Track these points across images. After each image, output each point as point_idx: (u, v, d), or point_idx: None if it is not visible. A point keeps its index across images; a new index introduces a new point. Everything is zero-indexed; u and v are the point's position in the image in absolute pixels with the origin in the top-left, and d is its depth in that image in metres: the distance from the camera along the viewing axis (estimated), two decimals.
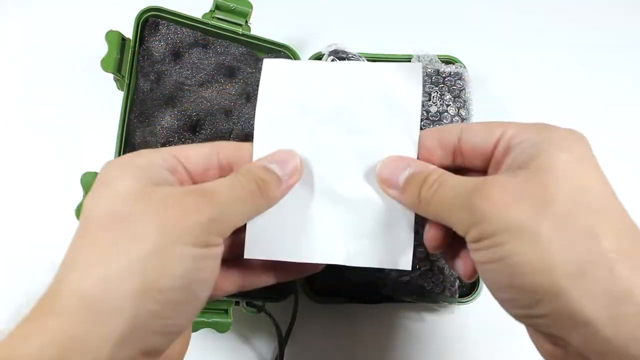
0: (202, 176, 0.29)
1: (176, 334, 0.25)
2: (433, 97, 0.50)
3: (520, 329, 0.50)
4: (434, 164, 0.30)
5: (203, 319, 0.42)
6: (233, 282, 0.32)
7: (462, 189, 0.26)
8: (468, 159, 0.29)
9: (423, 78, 0.52)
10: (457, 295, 0.47)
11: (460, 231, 0.26)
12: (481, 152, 0.28)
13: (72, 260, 0.23)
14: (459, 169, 0.30)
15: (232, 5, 0.51)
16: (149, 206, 0.24)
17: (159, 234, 0.23)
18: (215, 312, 0.43)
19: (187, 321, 0.25)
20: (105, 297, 0.22)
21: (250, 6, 0.52)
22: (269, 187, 0.28)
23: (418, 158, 0.31)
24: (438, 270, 0.47)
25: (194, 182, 0.29)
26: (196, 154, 0.29)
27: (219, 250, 0.26)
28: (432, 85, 0.51)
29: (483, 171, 0.30)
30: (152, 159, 0.27)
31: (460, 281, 0.48)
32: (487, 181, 0.25)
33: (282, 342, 0.46)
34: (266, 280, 0.33)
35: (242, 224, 0.28)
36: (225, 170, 0.30)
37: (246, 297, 0.46)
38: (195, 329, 0.42)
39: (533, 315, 0.24)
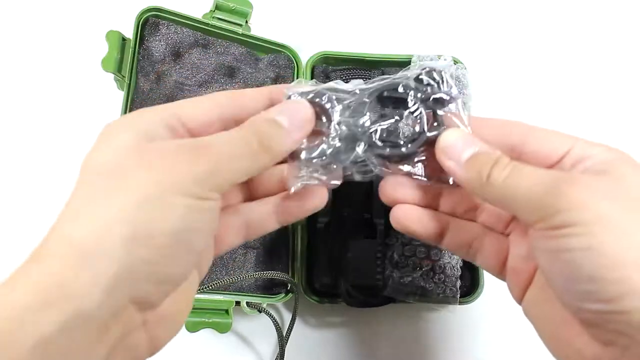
0: (204, 132, 0.27)
1: (168, 284, 0.24)
2: None
3: (521, 328, 0.51)
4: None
5: (203, 319, 0.42)
6: (237, 232, 0.31)
7: (545, 176, 0.26)
8: (528, 162, 0.28)
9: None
10: (459, 295, 0.47)
11: (531, 216, 0.25)
12: (544, 158, 0.28)
13: (65, 209, 0.23)
14: None
15: (232, 5, 0.51)
16: (143, 159, 0.23)
17: (151, 184, 0.23)
18: (215, 312, 0.43)
19: (180, 271, 0.25)
20: (94, 243, 0.21)
21: (251, 6, 0.52)
22: (273, 141, 0.27)
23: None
24: (439, 270, 0.47)
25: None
26: (196, 109, 0.27)
27: (214, 204, 0.25)
28: None
29: None
30: (151, 117, 0.26)
31: (461, 280, 0.48)
32: (573, 175, 0.26)
33: (282, 342, 0.46)
34: (270, 225, 0.32)
35: (243, 179, 0.26)
36: (229, 123, 0.28)
37: (246, 297, 0.46)
38: (195, 329, 0.42)
39: (613, 311, 0.23)
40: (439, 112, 0.31)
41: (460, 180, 0.29)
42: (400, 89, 0.31)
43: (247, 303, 0.45)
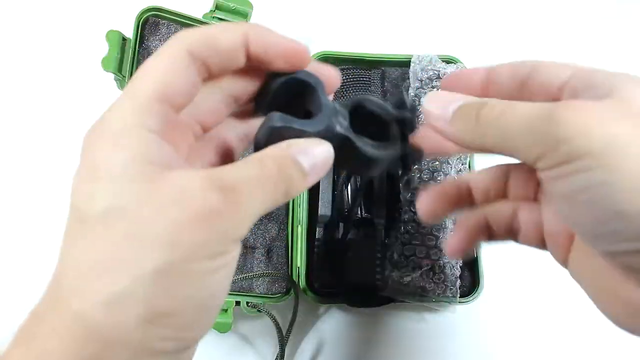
0: (188, 101, 0.23)
1: (189, 348, 0.23)
2: None
3: (521, 328, 0.51)
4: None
5: None
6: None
7: (538, 109, 0.22)
8: (533, 97, 0.26)
9: (424, 79, 0.52)
10: (458, 295, 0.47)
11: (533, 154, 0.22)
12: (547, 90, 0.26)
13: (70, 268, 0.20)
14: None
15: (232, 5, 0.51)
16: (157, 201, 0.20)
17: (170, 245, 0.19)
18: None
19: (200, 335, 0.23)
20: (110, 326, 0.19)
21: (251, 6, 0.52)
22: (294, 185, 0.24)
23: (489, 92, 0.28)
24: (439, 270, 0.47)
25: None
26: (176, 80, 0.22)
27: (236, 254, 0.22)
28: (432, 88, 0.51)
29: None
30: (136, 121, 0.21)
31: (461, 280, 0.48)
32: (569, 101, 0.23)
33: (282, 342, 0.46)
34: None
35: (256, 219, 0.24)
36: (202, 70, 0.24)
37: (246, 297, 0.46)
38: None
39: None
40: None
41: (451, 135, 0.26)
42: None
43: (247, 303, 0.45)
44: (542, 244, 0.30)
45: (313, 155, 0.24)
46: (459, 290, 0.47)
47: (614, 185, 0.20)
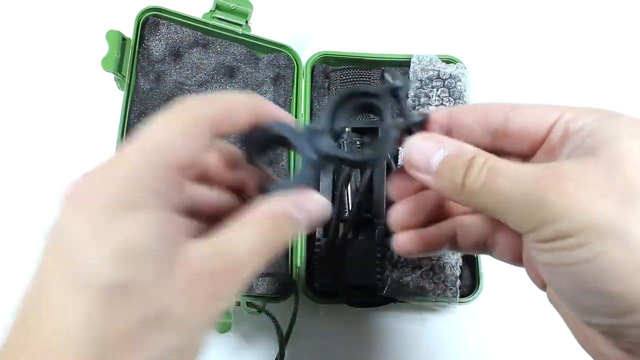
0: (193, 162, 0.23)
1: None
2: (433, 98, 0.50)
3: (521, 328, 0.51)
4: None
5: None
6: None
7: (525, 179, 0.22)
8: (513, 142, 0.26)
9: (423, 79, 0.51)
10: (458, 295, 0.47)
11: (521, 228, 0.22)
12: (532, 135, 0.25)
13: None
14: (496, 153, 0.25)
15: (232, 5, 0.51)
16: (175, 284, 0.20)
17: (186, 329, 0.21)
18: None
19: None
20: None
21: (251, 6, 0.52)
22: (290, 238, 0.25)
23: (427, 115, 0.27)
24: (439, 269, 0.47)
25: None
26: (184, 146, 0.22)
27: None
28: (432, 88, 0.51)
29: (528, 156, 0.26)
30: (144, 201, 0.20)
31: (461, 280, 0.48)
32: (557, 171, 0.22)
33: (282, 342, 0.46)
34: None
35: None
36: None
37: (247, 297, 0.46)
38: None
39: (623, 325, 0.21)
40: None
41: (438, 191, 0.25)
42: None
43: (247, 303, 0.45)
44: (518, 262, 0.29)
45: (308, 211, 0.25)
46: (459, 291, 0.47)
47: (595, 264, 0.20)
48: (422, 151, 0.25)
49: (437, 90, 0.50)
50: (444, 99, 0.50)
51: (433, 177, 0.25)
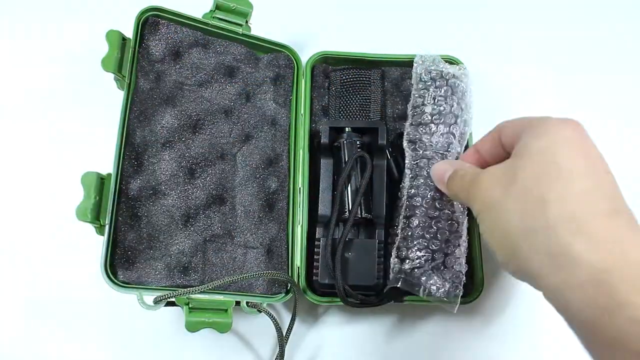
0: None
1: None
2: (437, 99, 0.50)
3: (521, 328, 0.51)
4: (489, 156, 0.39)
5: (203, 319, 0.42)
6: None
7: (471, 176, 0.35)
8: (507, 150, 0.36)
9: (426, 80, 0.51)
10: (461, 293, 0.46)
11: (471, 209, 0.35)
12: (509, 143, 0.35)
13: None
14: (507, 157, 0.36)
15: (232, 5, 0.51)
16: None
17: None
18: (215, 312, 0.43)
19: None
20: None
21: (251, 6, 0.52)
22: None
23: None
24: (444, 267, 0.46)
25: None
26: None
27: None
28: (435, 88, 0.50)
29: None
30: None
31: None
32: (484, 171, 0.34)
33: (282, 342, 0.46)
34: None
35: None
36: None
37: (246, 297, 0.46)
38: (195, 329, 0.41)
39: (511, 272, 0.32)
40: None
41: (448, 194, 0.41)
42: None
43: (247, 303, 0.45)
44: None
45: None
46: (462, 290, 0.46)
47: (487, 232, 0.32)
48: (438, 170, 0.42)
49: (440, 90, 0.50)
50: (447, 98, 0.49)
51: (444, 186, 0.40)
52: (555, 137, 0.30)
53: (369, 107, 0.54)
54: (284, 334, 0.46)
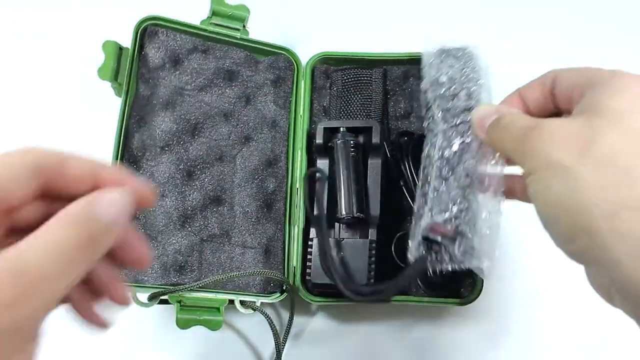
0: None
1: None
2: (459, 80, 0.45)
3: (520, 329, 0.49)
4: (535, 108, 0.33)
5: (194, 317, 0.43)
6: None
7: (525, 125, 0.28)
8: (560, 104, 0.31)
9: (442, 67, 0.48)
10: (462, 286, 0.45)
11: (519, 164, 0.29)
12: (569, 96, 0.30)
13: None
14: (557, 113, 0.32)
15: (228, 11, 0.52)
16: None
17: None
18: (206, 310, 0.44)
19: None
20: None
21: (247, 11, 0.53)
22: (100, 245, 0.22)
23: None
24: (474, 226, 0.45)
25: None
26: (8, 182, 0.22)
27: (29, 354, 0.21)
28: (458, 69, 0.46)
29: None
30: None
31: (461, 280, 0.47)
32: (544, 121, 0.28)
33: (278, 343, 0.47)
34: None
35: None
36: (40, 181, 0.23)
37: (240, 295, 0.47)
38: (186, 327, 0.43)
39: (573, 251, 0.26)
40: None
41: (486, 141, 0.33)
42: None
43: (240, 301, 0.46)
44: None
45: (110, 204, 0.23)
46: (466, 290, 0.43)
47: (545, 198, 0.26)
48: (481, 115, 0.33)
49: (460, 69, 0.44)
50: (469, 75, 0.44)
51: (485, 134, 0.32)
52: (635, 96, 0.25)
53: (370, 106, 0.54)
54: (282, 334, 0.47)
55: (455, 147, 0.39)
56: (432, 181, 0.40)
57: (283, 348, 0.47)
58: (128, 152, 0.47)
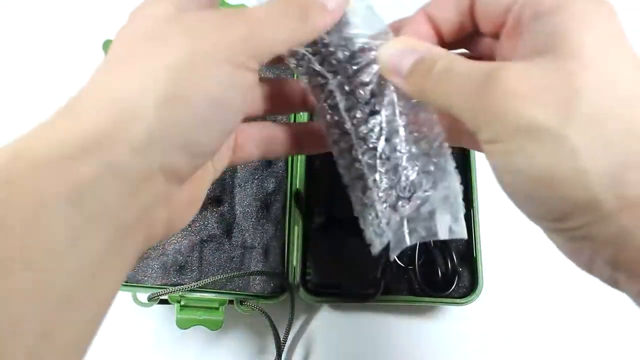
0: None
1: (198, 155, 0.24)
2: None
3: (520, 329, 0.49)
4: (449, 30, 0.27)
5: (194, 317, 0.43)
6: (256, 144, 0.31)
7: (474, 74, 0.22)
8: (482, 23, 0.26)
9: None
10: (455, 286, 0.45)
11: (472, 127, 0.22)
12: (493, 16, 0.25)
13: (101, 67, 0.23)
14: (474, 34, 0.27)
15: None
16: (181, 25, 0.22)
17: (190, 48, 0.22)
18: (206, 310, 0.44)
19: (212, 143, 0.24)
20: (129, 100, 0.21)
21: None
22: (312, 12, 0.25)
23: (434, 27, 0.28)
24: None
25: None
26: None
27: (250, 76, 0.24)
28: None
29: (497, 37, 0.26)
30: None
31: (461, 280, 0.47)
32: (503, 67, 0.21)
33: (278, 343, 0.47)
34: (284, 148, 0.32)
35: (281, 50, 0.25)
36: None
37: (240, 295, 0.47)
38: (186, 326, 0.43)
39: (563, 229, 0.21)
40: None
41: (407, 90, 0.26)
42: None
43: (240, 301, 0.46)
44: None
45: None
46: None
47: (529, 171, 0.20)
48: (393, 55, 0.26)
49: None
50: None
51: (404, 79, 0.25)
52: (609, 32, 0.21)
53: None
54: (282, 334, 0.47)
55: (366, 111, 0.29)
56: (364, 158, 0.30)
57: (283, 348, 0.47)
58: None
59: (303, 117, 0.52)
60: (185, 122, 0.22)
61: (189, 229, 0.48)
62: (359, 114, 0.28)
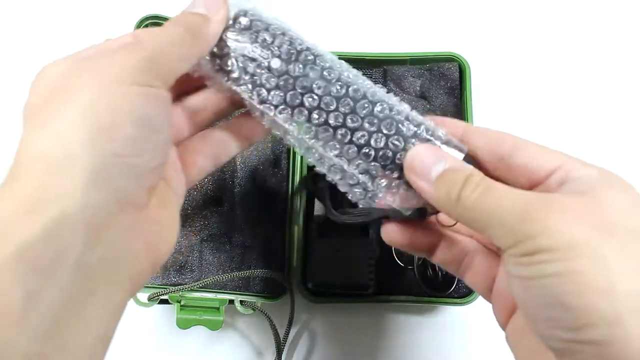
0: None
1: (144, 174, 0.24)
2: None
3: None
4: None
5: (194, 317, 0.43)
6: (205, 155, 0.32)
7: (517, 198, 0.24)
8: (514, 176, 0.28)
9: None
10: (455, 286, 0.45)
11: (503, 242, 0.24)
12: (531, 174, 0.27)
13: (24, 132, 0.24)
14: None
15: None
16: (85, 68, 0.24)
17: (98, 81, 0.23)
18: (207, 310, 0.44)
19: (151, 158, 0.25)
20: (61, 149, 0.21)
21: None
22: (198, 28, 0.28)
23: (466, 153, 0.29)
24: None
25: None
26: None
27: (162, 94, 0.25)
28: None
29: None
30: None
31: (460, 281, 0.47)
32: (547, 197, 0.24)
33: (279, 343, 0.47)
34: (233, 149, 0.33)
35: (182, 69, 0.27)
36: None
37: (240, 295, 0.47)
38: (186, 326, 0.43)
39: (578, 340, 0.22)
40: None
41: (432, 200, 0.28)
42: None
43: (240, 301, 0.46)
44: (487, 295, 0.31)
45: (209, 4, 0.29)
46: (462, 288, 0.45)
47: (564, 278, 0.22)
48: (424, 159, 0.28)
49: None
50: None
51: (431, 185, 0.27)
52: (636, 200, 0.24)
53: None
54: (282, 334, 0.47)
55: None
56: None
57: (283, 348, 0.47)
58: None
59: None
60: (119, 149, 0.23)
61: (189, 229, 0.48)
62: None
